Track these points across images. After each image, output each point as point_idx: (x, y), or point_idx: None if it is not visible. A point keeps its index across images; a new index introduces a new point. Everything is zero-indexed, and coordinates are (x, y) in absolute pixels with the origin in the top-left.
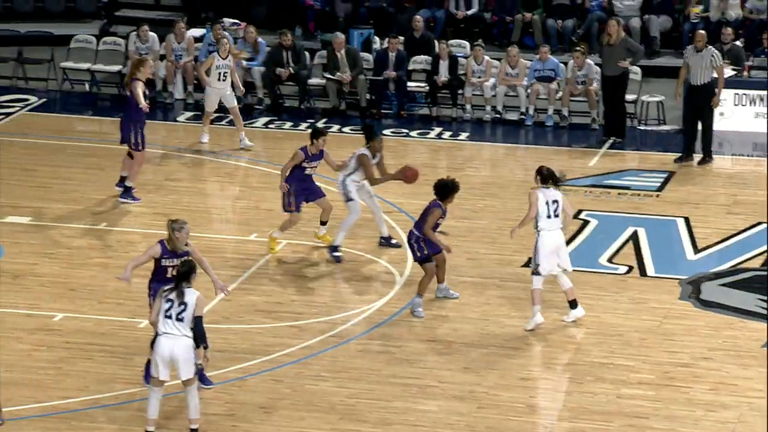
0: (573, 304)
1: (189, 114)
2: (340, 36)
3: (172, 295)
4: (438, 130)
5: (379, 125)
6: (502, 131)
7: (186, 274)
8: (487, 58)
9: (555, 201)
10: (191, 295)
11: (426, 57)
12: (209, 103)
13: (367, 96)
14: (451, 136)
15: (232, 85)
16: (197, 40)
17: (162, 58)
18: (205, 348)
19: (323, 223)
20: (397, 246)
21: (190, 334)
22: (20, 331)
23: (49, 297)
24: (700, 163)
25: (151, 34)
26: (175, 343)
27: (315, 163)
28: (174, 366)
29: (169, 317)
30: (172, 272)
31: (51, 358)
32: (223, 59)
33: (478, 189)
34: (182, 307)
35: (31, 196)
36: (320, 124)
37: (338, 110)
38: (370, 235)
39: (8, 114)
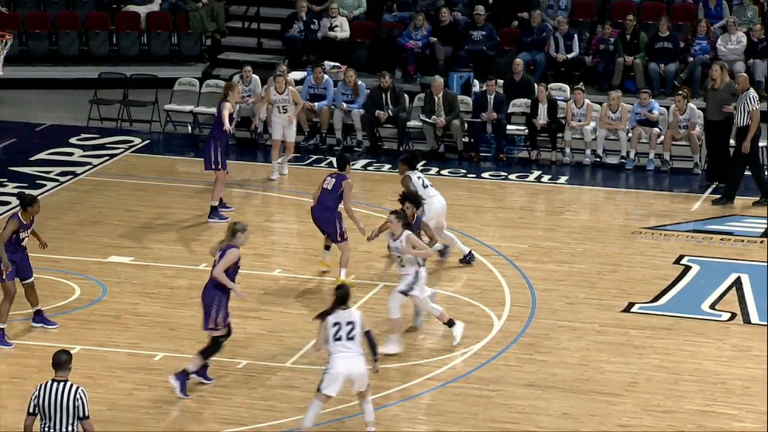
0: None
1: (289, 155)
2: (438, 79)
3: (338, 318)
4: (537, 173)
5: (478, 168)
6: (602, 175)
7: (344, 296)
8: (587, 101)
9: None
10: (355, 314)
11: (525, 100)
12: (273, 132)
13: (465, 139)
14: (550, 179)
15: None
16: (298, 82)
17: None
18: (375, 360)
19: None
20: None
21: (362, 351)
22: (122, 370)
23: (150, 336)
24: None
25: (254, 76)
26: (352, 362)
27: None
28: (350, 382)
29: (339, 339)
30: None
31: (152, 397)
32: (279, 94)
33: (578, 233)
34: (350, 326)
35: (133, 236)
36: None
37: (436, 153)
38: (466, 277)
39: (113, 155)
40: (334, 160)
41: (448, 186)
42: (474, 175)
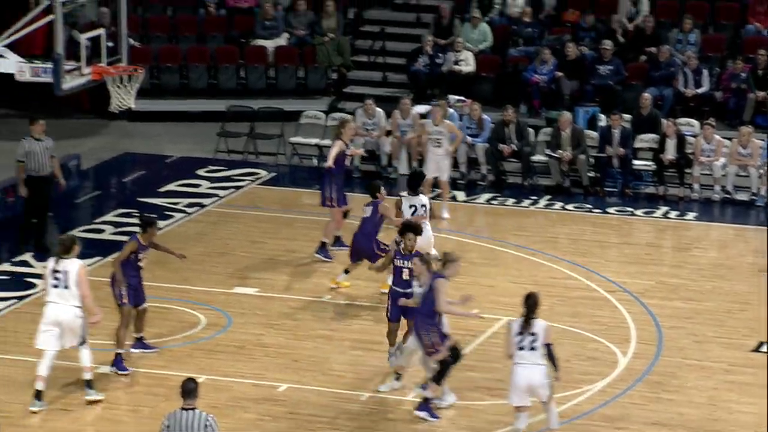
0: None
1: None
2: (567, 115)
3: (522, 328)
4: (664, 209)
5: (603, 203)
6: (731, 212)
7: (534, 306)
8: (717, 137)
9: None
10: (539, 325)
11: (653, 135)
12: (426, 169)
13: (591, 173)
14: (678, 215)
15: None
16: (423, 116)
17: (388, 133)
18: (556, 370)
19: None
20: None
21: (543, 362)
22: (246, 401)
23: (274, 367)
24: None
25: (378, 109)
26: (531, 372)
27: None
28: (532, 393)
29: (522, 348)
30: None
31: (276, 428)
32: (436, 126)
33: (706, 270)
34: (533, 337)
35: (259, 267)
36: (543, 201)
37: (562, 188)
38: (591, 313)
39: (239, 187)
40: (455, 194)
41: (573, 221)
42: (599, 210)
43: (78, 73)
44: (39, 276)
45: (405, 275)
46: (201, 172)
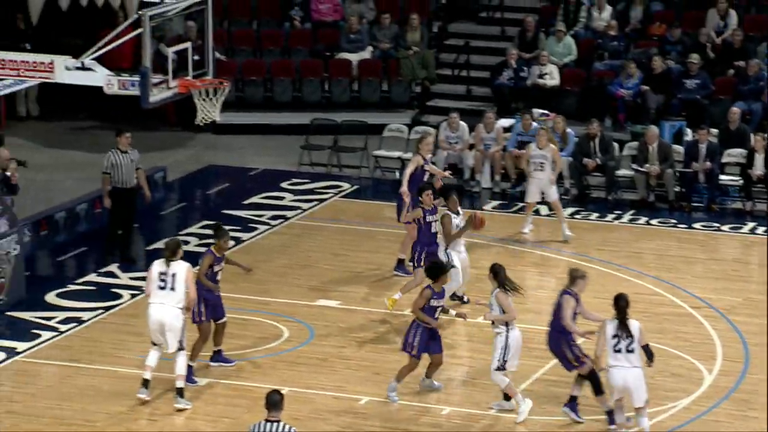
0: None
1: (495, 202)
2: (654, 129)
3: (618, 331)
4: (751, 224)
5: (689, 218)
6: None
7: (626, 306)
8: None
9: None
10: (634, 326)
11: (741, 150)
12: (528, 194)
13: (677, 188)
14: (765, 231)
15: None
16: (506, 129)
17: (471, 147)
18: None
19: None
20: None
21: (640, 364)
22: (328, 413)
23: (356, 380)
24: None
25: (462, 123)
26: (627, 374)
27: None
28: (628, 395)
29: (619, 351)
30: None
31: None
32: (540, 149)
33: None
34: (630, 340)
35: (341, 280)
36: (627, 216)
37: (646, 202)
38: (677, 329)
39: (322, 200)
40: (539, 208)
41: (658, 236)
42: (685, 226)
43: (165, 86)
44: (124, 287)
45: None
46: (285, 184)
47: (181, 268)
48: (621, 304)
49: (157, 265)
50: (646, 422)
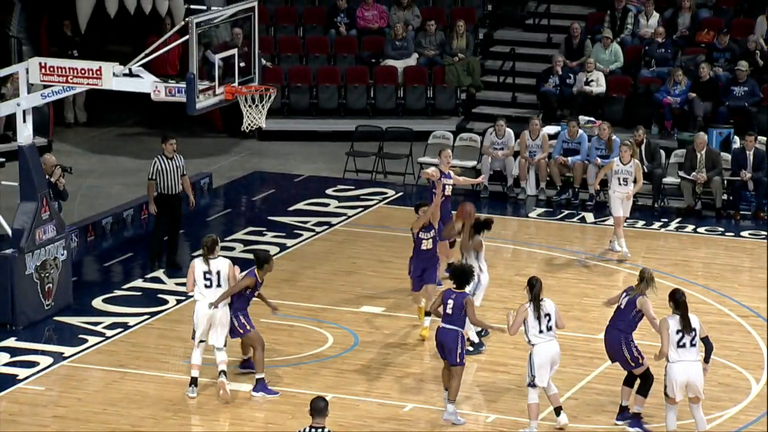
0: (558, 411)
1: (540, 210)
2: (702, 136)
3: (681, 325)
4: None
5: (736, 226)
6: None
7: (686, 303)
8: None
9: (547, 315)
10: (695, 321)
11: None
12: (614, 209)
13: (725, 196)
14: None
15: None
16: (552, 137)
17: (516, 154)
18: (707, 362)
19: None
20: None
21: (699, 357)
22: (372, 419)
23: (400, 387)
24: None
25: (508, 129)
26: (689, 368)
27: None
28: (689, 389)
29: (683, 346)
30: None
31: None
32: (624, 164)
33: None
34: (693, 333)
35: (386, 287)
36: (674, 224)
37: (693, 210)
38: (724, 338)
39: (367, 206)
40: (585, 215)
41: (705, 244)
42: (732, 234)
43: (211, 93)
44: (170, 292)
45: (449, 308)
46: (330, 191)
47: (224, 265)
48: (680, 298)
49: (199, 264)
50: (702, 418)
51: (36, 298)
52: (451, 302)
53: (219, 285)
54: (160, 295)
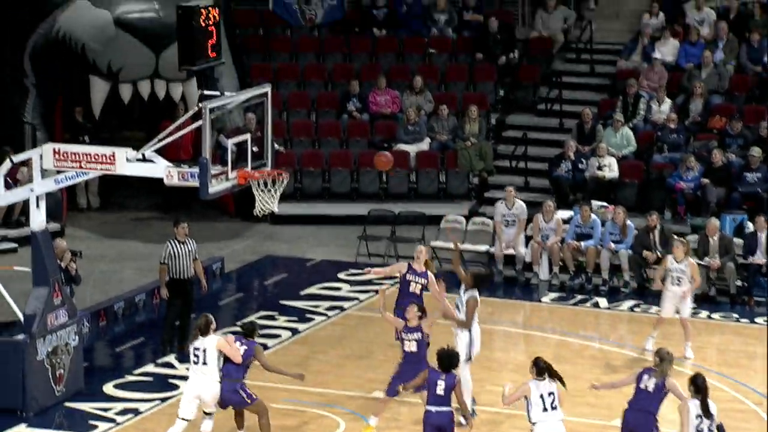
0: None
1: (554, 295)
2: (714, 222)
3: (701, 411)
4: None
5: (751, 312)
6: None
7: (707, 387)
8: None
9: (551, 393)
10: (713, 408)
11: None
12: (663, 309)
13: (738, 282)
14: None
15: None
16: (565, 221)
17: (528, 239)
18: None
19: None
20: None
21: None
22: None
23: None
24: None
25: (519, 202)
26: None
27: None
28: None
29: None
30: None
31: None
32: (677, 262)
33: None
34: (710, 420)
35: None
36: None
37: (707, 296)
38: (738, 426)
39: (376, 291)
40: (598, 301)
41: (719, 330)
42: (747, 320)
43: (224, 178)
44: (182, 377)
45: (440, 390)
46: (342, 275)
47: (210, 343)
48: (701, 383)
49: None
50: None
51: (47, 384)
52: (442, 383)
53: (205, 363)
54: (171, 380)
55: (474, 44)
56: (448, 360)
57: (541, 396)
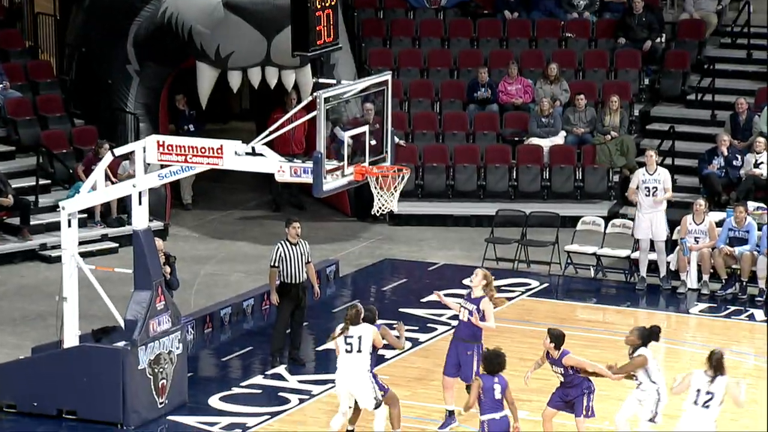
0: None
1: (703, 306)
2: None
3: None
4: None
5: None
6: None
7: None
8: None
9: (709, 393)
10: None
11: None
12: None
13: None
14: None
15: None
16: (718, 224)
17: (674, 245)
18: None
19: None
20: None
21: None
22: None
23: None
24: None
25: (661, 168)
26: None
27: None
28: None
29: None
30: None
31: None
32: None
33: None
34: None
35: (530, 388)
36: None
37: None
38: None
39: (509, 298)
40: (754, 313)
41: None
42: None
43: (339, 174)
44: (292, 390)
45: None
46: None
47: (367, 331)
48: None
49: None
50: None
51: (149, 395)
52: (498, 387)
53: (360, 350)
54: (281, 394)
55: (616, 27)
56: (498, 360)
57: (698, 390)
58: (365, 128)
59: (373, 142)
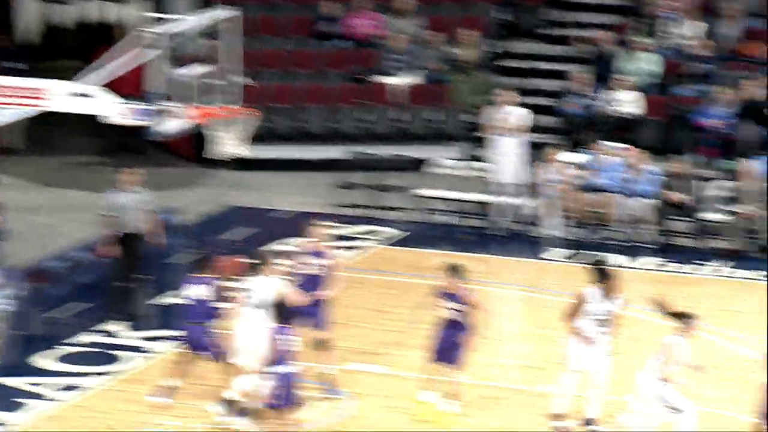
0: None
1: (564, 251)
2: (748, 164)
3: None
4: None
5: None
6: None
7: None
8: None
9: None
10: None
11: None
12: None
13: None
14: None
15: None
16: (577, 166)
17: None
18: None
19: None
20: None
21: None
22: None
23: None
24: None
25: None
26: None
27: None
28: None
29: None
30: None
31: None
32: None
33: None
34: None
35: (386, 341)
36: (726, 269)
37: (741, 252)
38: None
39: (363, 248)
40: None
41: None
42: None
43: (180, 116)
44: (128, 348)
45: None
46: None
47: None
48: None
49: None
50: None
51: None
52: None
53: None
54: (115, 351)
55: None
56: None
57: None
58: (209, 68)
59: (218, 83)
